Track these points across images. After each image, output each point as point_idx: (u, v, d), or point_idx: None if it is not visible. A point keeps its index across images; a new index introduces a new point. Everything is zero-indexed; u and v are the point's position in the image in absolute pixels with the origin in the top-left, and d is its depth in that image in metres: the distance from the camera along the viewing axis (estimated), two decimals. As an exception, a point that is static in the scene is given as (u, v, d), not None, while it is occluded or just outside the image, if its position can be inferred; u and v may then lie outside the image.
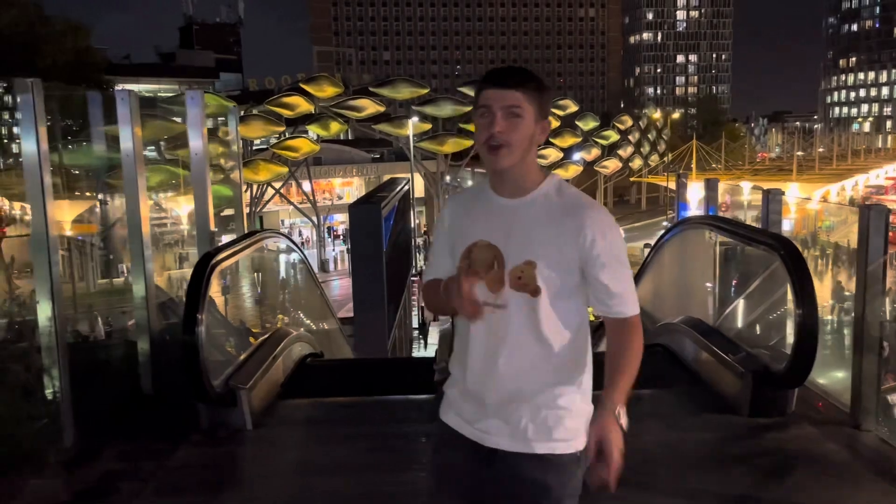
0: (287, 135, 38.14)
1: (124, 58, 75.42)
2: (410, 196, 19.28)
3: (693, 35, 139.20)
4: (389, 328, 10.70)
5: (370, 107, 40.34)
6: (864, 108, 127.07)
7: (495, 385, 1.99)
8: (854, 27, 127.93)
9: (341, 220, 43.84)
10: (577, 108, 49.99)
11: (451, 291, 1.90)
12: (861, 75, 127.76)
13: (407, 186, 16.88)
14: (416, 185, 38.01)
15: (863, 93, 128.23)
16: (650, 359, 5.60)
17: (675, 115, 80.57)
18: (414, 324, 22.53)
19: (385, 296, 10.23)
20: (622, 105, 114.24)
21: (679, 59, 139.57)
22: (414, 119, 40.55)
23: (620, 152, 54.59)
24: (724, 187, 8.30)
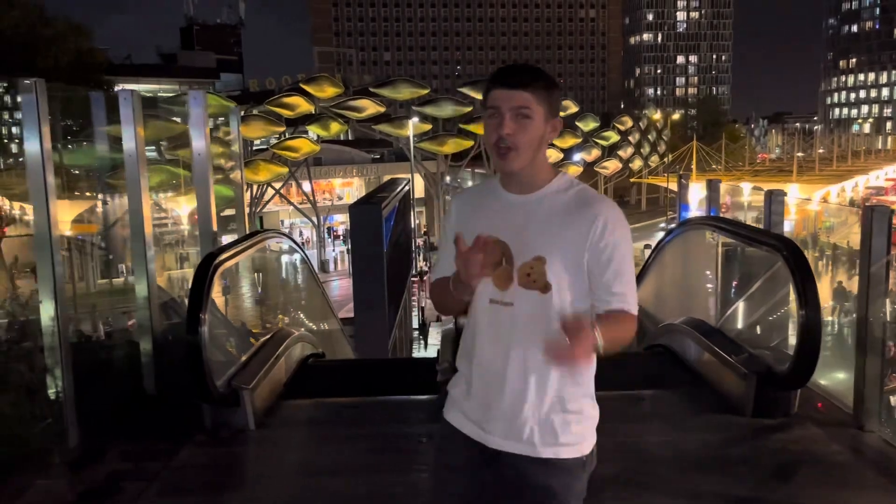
0: (287, 135, 38.16)
1: (125, 58, 75.42)
2: (410, 197, 19.28)
3: (693, 36, 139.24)
4: (390, 328, 10.70)
5: (370, 107, 40.37)
6: (865, 109, 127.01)
7: (502, 385, 1.95)
8: (854, 28, 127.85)
9: (341, 221, 43.86)
10: (578, 109, 50.07)
11: (458, 276, 1.84)
12: (861, 76, 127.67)
13: (407, 187, 16.88)
14: (416, 185, 38.02)
15: (863, 94, 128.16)
16: (652, 359, 5.67)
17: (676, 115, 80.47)
18: (414, 324, 22.53)
19: (385, 296, 10.22)
20: (622, 106, 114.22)
21: (679, 60, 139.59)
22: (414, 119, 40.58)
23: (620, 153, 54.59)
24: (724, 188, 8.29)
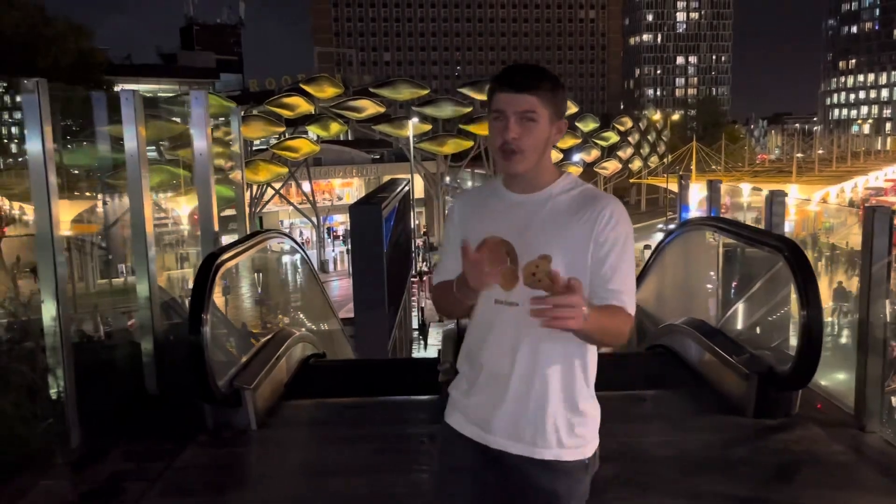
0: (287, 135, 38.15)
1: (125, 58, 75.51)
2: (410, 197, 19.29)
3: (693, 37, 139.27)
4: (390, 329, 10.70)
5: (370, 107, 40.37)
6: (864, 109, 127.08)
7: (508, 386, 1.94)
8: (854, 29, 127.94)
9: (341, 221, 43.84)
10: (577, 110, 50.13)
11: (464, 281, 1.81)
12: (861, 77, 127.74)
13: (407, 187, 16.88)
14: (416, 186, 38.03)
15: (862, 95, 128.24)
16: (653, 360, 5.68)
17: (675, 116, 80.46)
18: (414, 325, 22.54)
19: (386, 296, 10.22)
20: (622, 106, 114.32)
21: (679, 61, 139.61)
22: (414, 120, 40.59)
23: (620, 153, 54.59)
24: (724, 189, 8.30)
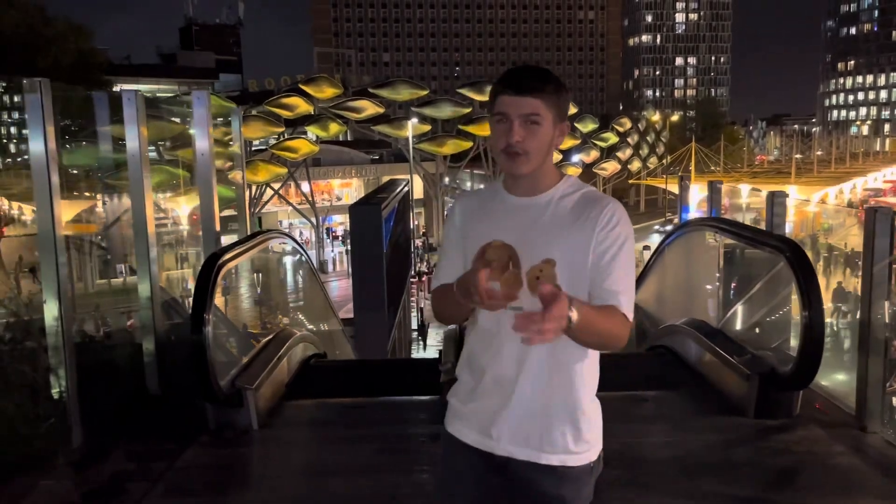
0: (286, 136, 38.13)
1: (124, 58, 75.45)
2: (410, 197, 19.29)
3: (692, 38, 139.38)
4: (389, 329, 10.69)
5: (369, 108, 40.36)
6: (863, 111, 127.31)
7: (514, 392, 1.92)
8: (853, 30, 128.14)
9: (340, 222, 43.84)
10: (577, 110, 50.13)
11: (465, 287, 1.75)
12: (859, 78, 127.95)
13: (406, 188, 16.88)
14: (415, 186, 38.02)
15: (861, 96, 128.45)
16: (654, 360, 5.68)
17: (674, 117, 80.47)
18: (413, 325, 22.53)
19: (385, 297, 10.22)
20: (621, 107, 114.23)
21: (678, 62, 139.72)
22: (413, 120, 40.59)
23: (619, 154, 54.63)
24: (723, 189, 8.31)
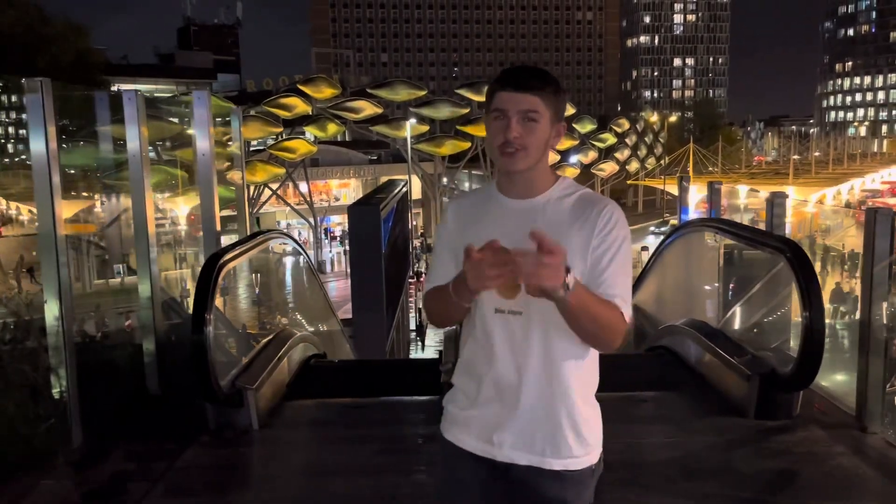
0: (284, 136, 38.11)
1: (122, 58, 75.44)
2: (408, 198, 19.29)
3: (690, 39, 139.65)
4: (388, 330, 10.69)
5: (368, 108, 40.35)
6: (860, 112, 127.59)
7: (517, 397, 1.90)
8: (850, 32, 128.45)
9: (338, 222, 43.85)
10: (575, 111, 50.14)
11: (461, 285, 1.73)
12: (857, 79, 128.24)
13: (405, 188, 16.89)
14: (413, 186, 38.00)
15: (859, 97, 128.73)
16: (654, 361, 5.68)
17: (672, 118, 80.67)
18: (411, 325, 22.53)
19: (384, 297, 10.22)
20: (619, 108, 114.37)
21: (676, 63, 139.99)
22: (411, 121, 40.57)
23: (617, 155, 54.68)
24: (722, 190, 8.32)
